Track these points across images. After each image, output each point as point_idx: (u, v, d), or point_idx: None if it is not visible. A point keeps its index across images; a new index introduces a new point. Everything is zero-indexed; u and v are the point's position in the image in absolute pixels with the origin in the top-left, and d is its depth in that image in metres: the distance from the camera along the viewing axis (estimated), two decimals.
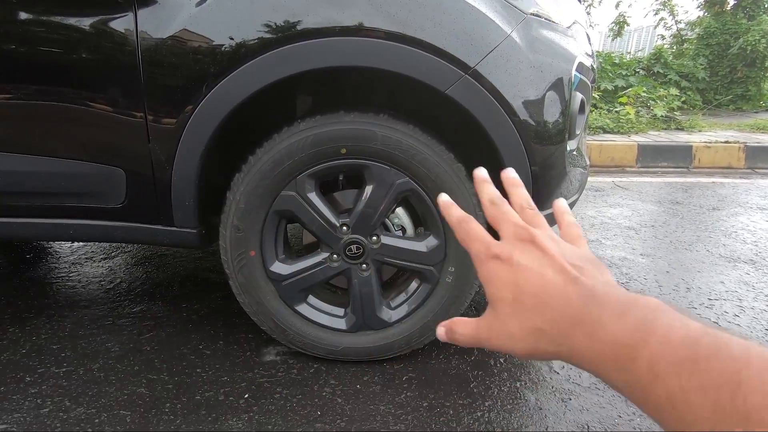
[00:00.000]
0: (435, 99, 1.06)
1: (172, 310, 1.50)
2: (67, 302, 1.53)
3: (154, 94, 1.03)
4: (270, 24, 0.99)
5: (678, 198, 2.98)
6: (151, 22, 0.99)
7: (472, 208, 1.12)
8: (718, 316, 1.54)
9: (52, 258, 1.89)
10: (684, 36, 7.46)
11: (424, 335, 1.22)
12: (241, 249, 1.13)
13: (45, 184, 1.12)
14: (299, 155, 1.06)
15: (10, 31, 1.01)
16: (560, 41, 1.13)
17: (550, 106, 1.10)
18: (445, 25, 0.99)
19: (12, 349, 1.28)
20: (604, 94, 5.64)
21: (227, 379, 1.18)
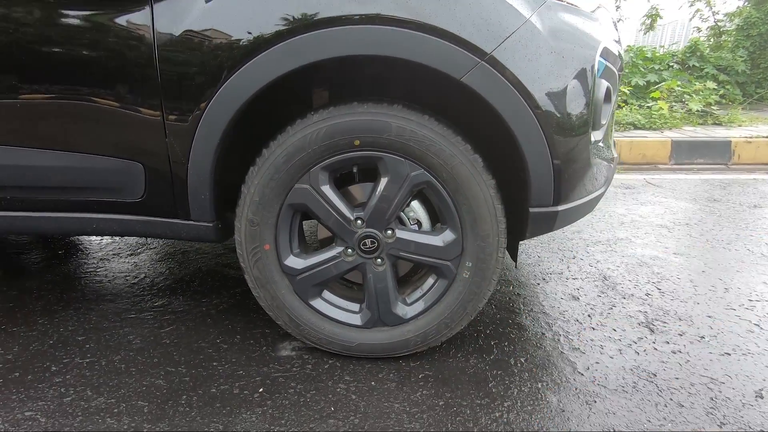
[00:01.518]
0: (451, 89, 1.03)
1: (192, 305, 1.52)
2: (94, 296, 1.58)
3: (170, 89, 1.04)
4: (284, 14, 0.98)
5: (715, 195, 2.83)
6: (166, 17, 1.00)
7: (490, 201, 1.08)
8: (760, 318, 1.44)
9: (81, 254, 1.95)
10: (722, 28, 7.11)
11: (441, 332, 1.19)
12: (255, 243, 1.13)
13: (69, 178, 1.15)
14: (312, 147, 1.05)
15: (34, 31, 1.04)
16: (583, 26, 1.08)
17: (573, 94, 1.05)
18: (459, 10, 0.96)
19: (41, 340, 1.32)
20: (635, 89, 5.43)
21: (243, 373, 1.18)
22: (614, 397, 1.09)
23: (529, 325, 1.40)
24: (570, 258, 1.90)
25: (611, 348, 1.29)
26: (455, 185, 1.07)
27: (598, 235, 2.16)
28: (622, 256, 1.91)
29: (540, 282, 1.70)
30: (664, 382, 1.15)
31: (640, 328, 1.39)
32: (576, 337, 1.34)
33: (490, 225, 1.09)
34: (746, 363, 1.22)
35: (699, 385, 1.14)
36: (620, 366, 1.21)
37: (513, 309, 1.50)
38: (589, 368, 1.20)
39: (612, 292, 1.61)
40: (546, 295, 1.60)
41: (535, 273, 1.78)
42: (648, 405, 1.07)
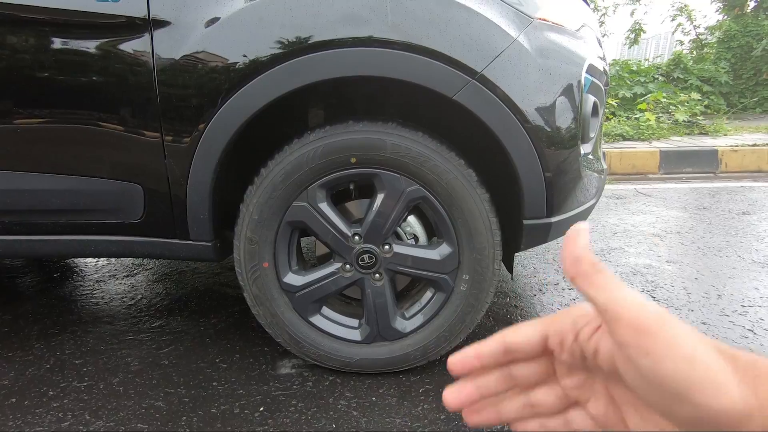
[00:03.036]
0: (445, 107, 1.07)
1: (190, 325, 1.51)
2: (91, 318, 1.57)
3: (169, 112, 1.06)
4: (280, 38, 1.01)
5: (705, 203, 2.88)
6: (165, 43, 1.03)
7: (485, 214, 1.10)
8: (753, 324, 1.46)
9: (77, 276, 1.94)
10: (704, 40, 7.32)
11: (440, 346, 1.19)
12: (254, 261, 1.14)
13: (68, 201, 1.16)
14: (309, 166, 1.08)
15: (35, 57, 1.07)
16: (569, 44, 1.12)
17: (562, 109, 1.08)
18: (450, 32, 1.00)
19: (37, 365, 1.31)
20: (623, 101, 5.55)
21: (243, 392, 1.17)
22: None
23: None
24: None
25: None
26: (450, 199, 1.09)
27: (591, 245, 2.18)
28: (616, 266, 1.94)
29: (536, 293, 1.71)
30: None
31: None
32: None
33: (485, 238, 1.11)
34: None
35: None
36: None
37: (511, 321, 1.51)
38: None
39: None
40: (543, 306, 1.61)
41: (532, 284, 1.79)
42: None
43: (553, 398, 0.29)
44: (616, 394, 0.27)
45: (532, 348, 0.28)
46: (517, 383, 0.30)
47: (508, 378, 0.30)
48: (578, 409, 0.29)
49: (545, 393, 0.29)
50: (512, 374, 0.29)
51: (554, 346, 0.27)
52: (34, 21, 1.05)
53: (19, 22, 1.05)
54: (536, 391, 0.30)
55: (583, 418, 0.29)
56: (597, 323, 0.26)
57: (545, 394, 0.29)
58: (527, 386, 0.30)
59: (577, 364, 0.27)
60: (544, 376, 0.29)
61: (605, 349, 0.25)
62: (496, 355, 0.29)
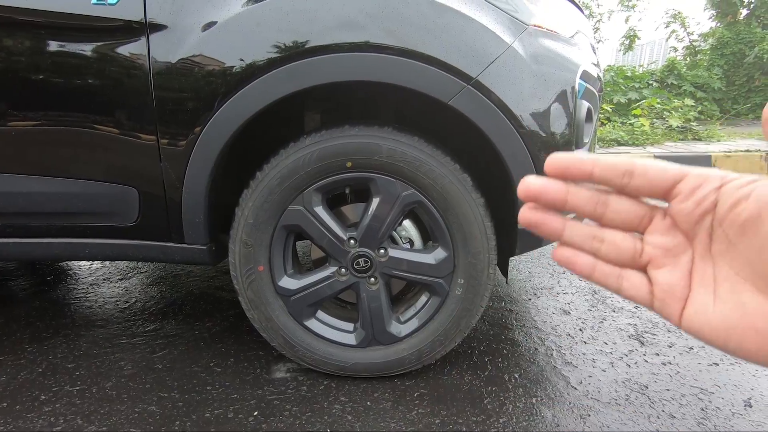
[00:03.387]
0: (441, 112, 1.07)
1: (184, 329, 1.51)
2: (84, 322, 1.56)
3: (165, 115, 1.06)
4: (276, 43, 1.02)
5: None
6: (162, 47, 1.03)
7: (480, 219, 1.11)
8: None
9: (71, 279, 1.93)
10: (697, 47, 7.41)
11: (435, 350, 1.19)
12: (249, 264, 1.14)
13: (62, 204, 1.16)
14: (305, 170, 1.08)
15: (31, 59, 1.07)
16: (563, 51, 1.13)
17: (556, 115, 1.09)
18: (446, 38, 1.01)
19: (29, 369, 1.30)
20: (617, 106, 5.60)
21: (237, 396, 1.17)
22: (607, 410, 1.11)
23: (522, 341, 1.42)
24: (560, 273, 1.93)
25: (603, 361, 1.31)
26: (445, 204, 1.10)
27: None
28: None
29: (531, 297, 1.72)
30: (656, 393, 1.17)
31: (630, 340, 1.41)
32: (568, 351, 1.36)
33: (480, 242, 1.12)
34: (734, 372, 1.24)
35: (689, 395, 1.16)
36: (612, 379, 1.23)
37: (506, 325, 1.52)
38: (582, 382, 1.21)
39: (602, 306, 1.63)
40: (538, 310, 1.62)
41: (527, 288, 1.80)
42: (641, 417, 1.08)
43: (628, 246, 0.27)
44: (699, 271, 0.25)
45: (659, 182, 0.25)
46: (604, 215, 0.27)
47: (602, 206, 0.27)
48: (639, 272, 0.27)
49: (624, 238, 0.27)
50: (608, 202, 0.27)
51: (685, 189, 0.25)
52: (30, 24, 1.05)
53: (16, 25, 1.05)
54: (615, 231, 0.27)
55: (640, 282, 0.27)
56: (753, 178, 0.23)
57: (624, 238, 0.27)
58: (610, 223, 0.27)
59: (688, 221, 0.25)
60: (635, 222, 0.27)
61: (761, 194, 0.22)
62: (613, 172, 0.26)
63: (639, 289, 0.27)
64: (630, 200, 0.27)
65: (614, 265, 0.27)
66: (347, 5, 1.01)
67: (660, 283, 0.26)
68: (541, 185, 0.27)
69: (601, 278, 0.28)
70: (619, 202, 0.27)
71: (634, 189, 0.26)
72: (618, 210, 0.27)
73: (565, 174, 0.26)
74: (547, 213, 0.28)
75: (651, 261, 0.27)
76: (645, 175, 0.25)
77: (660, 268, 0.26)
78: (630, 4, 7.42)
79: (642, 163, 0.25)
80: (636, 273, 0.27)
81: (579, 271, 0.28)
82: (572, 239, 0.28)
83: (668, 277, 0.26)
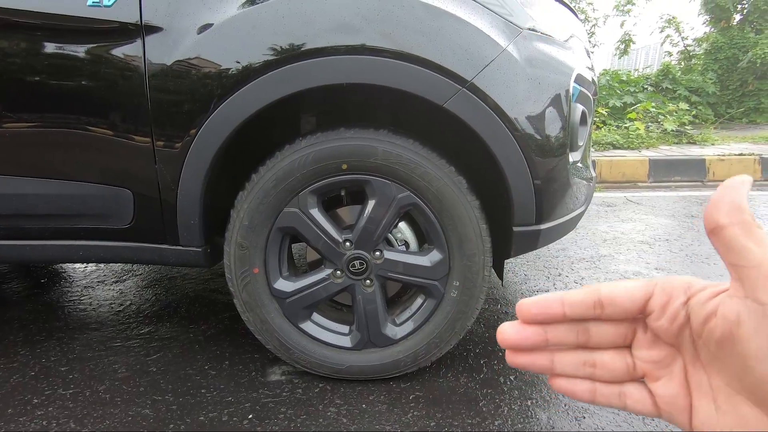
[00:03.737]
0: (436, 115, 1.08)
1: (179, 331, 1.50)
2: (78, 325, 1.55)
3: (160, 117, 1.06)
4: (273, 45, 1.02)
5: (693, 211, 2.92)
6: (157, 49, 1.03)
7: (475, 221, 1.11)
8: None
9: (65, 282, 1.92)
10: (691, 52, 7.47)
11: (430, 352, 1.19)
12: (245, 266, 1.14)
13: (57, 206, 1.15)
14: (301, 172, 1.08)
15: (27, 61, 1.06)
16: (558, 54, 1.14)
17: (550, 118, 1.10)
18: (441, 41, 1.01)
19: (21, 372, 1.29)
20: (613, 110, 5.63)
21: (231, 399, 1.16)
22: (602, 412, 1.11)
23: None
24: (556, 275, 1.94)
25: None
26: (441, 206, 1.10)
27: (582, 253, 2.21)
28: (606, 273, 1.96)
29: None
30: None
31: None
32: None
33: (475, 244, 1.12)
34: None
35: None
36: None
37: None
38: None
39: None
40: None
41: (522, 291, 1.80)
42: (635, 419, 1.08)
43: (620, 365, 0.27)
44: (695, 379, 0.25)
45: (630, 306, 0.25)
46: (589, 340, 0.27)
47: (583, 333, 0.27)
48: (639, 384, 0.27)
49: (614, 357, 0.27)
50: (588, 330, 0.27)
51: (655, 307, 0.25)
52: (25, 25, 1.05)
53: (11, 26, 1.05)
54: (604, 352, 0.27)
55: (641, 394, 0.27)
56: (719, 288, 0.23)
57: (614, 358, 0.27)
58: (596, 347, 0.27)
59: (668, 335, 0.25)
60: (619, 341, 0.27)
61: (727, 313, 0.22)
62: (583, 307, 0.26)
63: (644, 404, 0.27)
64: (608, 323, 0.27)
65: (613, 384, 0.27)
66: (343, 8, 1.01)
67: (661, 395, 0.26)
68: (517, 335, 0.27)
69: (604, 400, 0.27)
70: (599, 327, 0.27)
71: (609, 316, 0.26)
72: (600, 333, 0.27)
73: (537, 321, 0.27)
74: (531, 354, 0.28)
75: (646, 374, 0.27)
76: (613, 303, 0.25)
77: (656, 381, 0.26)
78: (625, 9, 7.48)
79: (607, 291, 0.25)
80: (636, 386, 0.27)
81: (580, 398, 0.28)
82: (564, 370, 0.28)
83: (666, 388, 0.26)
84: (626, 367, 0.27)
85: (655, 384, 0.26)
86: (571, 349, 0.28)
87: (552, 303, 0.26)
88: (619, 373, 0.27)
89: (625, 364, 0.27)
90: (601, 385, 0.27)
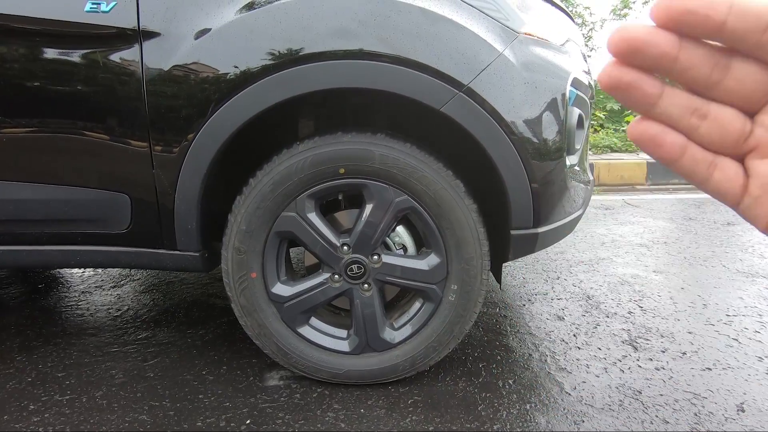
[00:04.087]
0: (434, 119, 1.08)
1: (177, 336, 1.50)
2: (75, 330, 1.54)
3: (158, 122, 1.06)
4: (271, 50, 1.02)
5: (691, 214, 2.93)
6: (155, 54, 1.03)
7: (472, 225, 1.11)
8: (738, 333, 1.48)
9: (62, 287, 1.91)
10: None
11: (429, 356, 1.19)
12: (242, 271, 1.14)
13: (53, 211, 1.15)
14: (298, 176, 1.08)
15: (25, 66, 1.06)
16: (554, 58, 1.14)
17: (547, 121, 1.10)
18: (438, 46, 1.01)
19: (18, 378, 1.28)
20: (611, 113, 5.65)
21: (229, 404, 1.16)
22: (601, 416, 1.10)
23: (516, 347, 1.42)
24: (554, 278, 1.94)
25: (597, 367, 1.31)
26: (438, 210, 1.10)
27: (580, 256, 2.21)
28: (605, 276, 1.96)
29: (525, 303, 1.72)
30: (649, 399, 1.17)
31: (624, 346, 1.41)
32: (562, 357, 1.36)
33: (473, 248, 1.12)
34: (727, 377, 1.25)
35: (683, 401, 1.16)
36: (606, 384, 1.23)
37: (500, 331, 1.52)
38: (576, 388, 1.21)
39: (596, 312, 1.64)
40: (532, 316, 1.62)
41: (521, 294, 1.80)
42: (634, 422, 1.08)
43: (735, 128, 0.21)
44: None
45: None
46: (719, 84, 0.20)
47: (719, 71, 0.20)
48: (735, 162, 0.22)
49: (733, 116, 0.21)
50: (730, 67, 0.20)
51: None
52: (24, 31, 1.05)
53: (9, 32, 1.05)
54: (725, 107, 0.21)
55: (735, 173, 0.22)
56: None
57: (732, 117, 0.21)
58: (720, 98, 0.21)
59: None
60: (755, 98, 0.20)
61: None
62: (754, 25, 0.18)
63: (732, 182, 0.22)
64: (758, 66, 0.20)
65: (708, 152, 0.22)
66: (340, 13, 1.01)
67: (762, 176, 0.21)
68: (646, 34, 0.19)
69: (690, 164, 0.22)
70: (745, 69, 0.20)
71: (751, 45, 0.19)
72: (741, 79, 0.20)
73: (682, 22, 0.19)
74: (641, 73, 0.20)
75: (758, 148, 0.21)
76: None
77: (767, 158, 0.21)
78: (622, 13, 7.53)
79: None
80: (732, 162, 0.22)
81: (666, 152, 0.22)
82: (667, 111, 0.21)
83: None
84: (740, 133, 0.21)
85: (763, 161, 0.21)
86: (687, 88, 0.21)
87: (718, 2, 0.18)
88: (729, 138, 0.21)
89: (742, 129, 0.21)
90: (695, 147, 0.22)
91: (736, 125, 0.21)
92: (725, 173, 0.22)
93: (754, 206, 0.22)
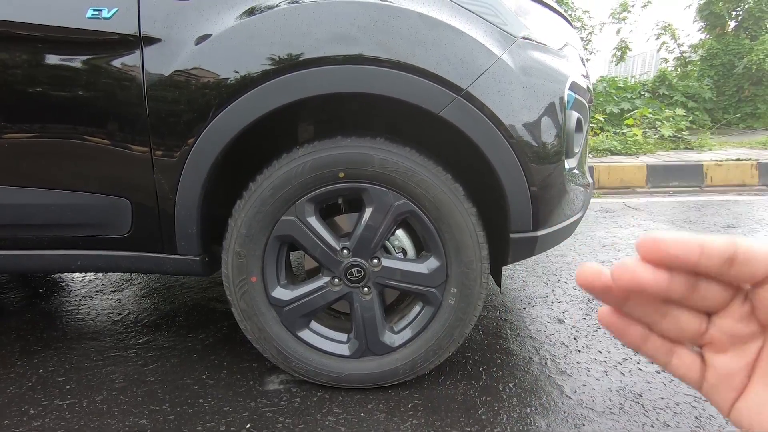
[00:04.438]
0: (433, 123, 1.09)
1: (177, 341, 1.50)
2: (76, 335, 1.55)
3: (158, 127, 1.07)
4: (270, 55, 1.03)
5: (691, 217, 2.93)
6: (156, 59, 1.04)
7: (472, 228, 1.12)
8: None
9: (63, 292, 1.92)
10: (687, 58, 7.53)
11: (429, 360, 1.19)
12: (242, 275, 1.14)
13: (54, 216, 1.15)
14: (298, 180, 1.08)
15: (27, 72, 1.07)
16: (552, 62, 1.15)
17: (546, 125, 1.11)
18: (436, 51, 1.02)
19: (18, 383, 1.28)
20: (610, 116, 5.67)
21: (229, 409, 1.16)
22: (602, 419, 1.10)
23: (516, 350, 1.42)
24: (554, 282, 1.94)
25: (597, 370, 1.31)
26: (438, 213, 1.11)
27: (580, 259, 2.21)
28: None
29: (526, 306, 1.72)
30: (650, 402, 1.16)
31: (624, 349, 1.41)
32: (563, 360, 1.36)
33: (473, 251, 1.12)
34: None
35: (683, 404, 1.16)
36: (607, 388, 1.22)
37: (500, 334, 1.52)
38: (576, 391, 1.21)
39: (596, 314, 1.63)
40: (532, 319, 1.62)
41: (521, 297, 1.80)
42: (635, 426, 1.08)
43: (691, 327, 0.24)
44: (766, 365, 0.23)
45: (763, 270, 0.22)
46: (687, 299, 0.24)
47: (690, 289, 0.23)
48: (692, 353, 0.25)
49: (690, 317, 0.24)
50: (697, 288, 0.23)
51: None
52: (26, 37, 1.06)
53: (11, 38, 1.06)
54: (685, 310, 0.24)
55: (691, 359, 0.25)
56: None
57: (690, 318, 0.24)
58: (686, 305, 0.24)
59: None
60: (714, 306, 0.24)
61: None
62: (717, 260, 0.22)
63: (689, 369, 0.25)
64: (719, 285, 0.23)
65: (668, 340, 0.25)
66: (340, 19, 1.02)
67: (717, 368, 0.24)
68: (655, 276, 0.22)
69: (651, 351, 0.26)
70: (709, 287, 0.23)
71: (731, 276, 0.22)
72: (705, 296, 0.24)
73: (667, 263, 0.22)
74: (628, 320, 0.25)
75: (712, 344, 0.24)
76: (747, 263, 0.22)
77: (721, 354, 0.24)
78: (621, 17, 7.55)
79: (746, 248, 0.22)
80: (688, 352, 0.25)
81: (629, 341, 0.26)
82: (633, 311, 0.25)
83: (729, 364, 0.24)
84: (696, 331, 0.24)
85: (718, 356, 0.24)
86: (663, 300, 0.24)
87: (692, 246, 0.22)
88: (686, 335, 0.25)
89: (698, 327, 0.24)
90: (655, 338, 0.25)
91: (693, 326, 0.25)
92: (682, 360, 0.25)
93: (713, 393, 0.25)
